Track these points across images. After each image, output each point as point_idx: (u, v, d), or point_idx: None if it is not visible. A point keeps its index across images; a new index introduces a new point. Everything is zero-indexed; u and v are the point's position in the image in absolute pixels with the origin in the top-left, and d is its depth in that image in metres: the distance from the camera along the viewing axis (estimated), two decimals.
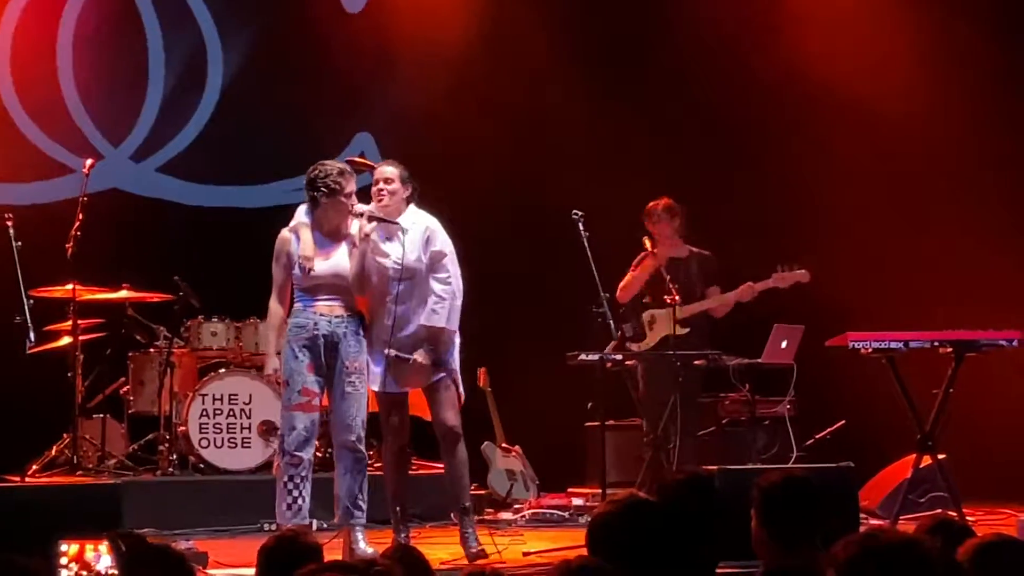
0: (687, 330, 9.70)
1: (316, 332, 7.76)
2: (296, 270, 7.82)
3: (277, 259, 7.89)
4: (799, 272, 9.75)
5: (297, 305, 7.86)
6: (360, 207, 7.88)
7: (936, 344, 8.86)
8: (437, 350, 7.93)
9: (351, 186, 7.85)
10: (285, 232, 7.90)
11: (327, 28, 11.73)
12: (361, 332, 7.87)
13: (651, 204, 9.91)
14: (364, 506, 7.89)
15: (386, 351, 7.84)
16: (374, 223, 7.89)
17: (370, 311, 7.95)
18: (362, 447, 7.86)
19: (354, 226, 7.89)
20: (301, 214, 7.95)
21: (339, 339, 7.78)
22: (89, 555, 4.64)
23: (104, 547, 4.60)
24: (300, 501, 7.69)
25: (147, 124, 11.58)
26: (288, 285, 7.91)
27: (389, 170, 8.01)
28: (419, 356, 7.88)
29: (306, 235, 7.83)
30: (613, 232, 9.74)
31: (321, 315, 7.79)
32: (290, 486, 7.69)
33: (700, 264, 9.87)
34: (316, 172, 7.85)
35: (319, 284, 7.80)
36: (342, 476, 7.84)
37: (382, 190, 7.94)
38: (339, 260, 7.85)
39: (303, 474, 7.70)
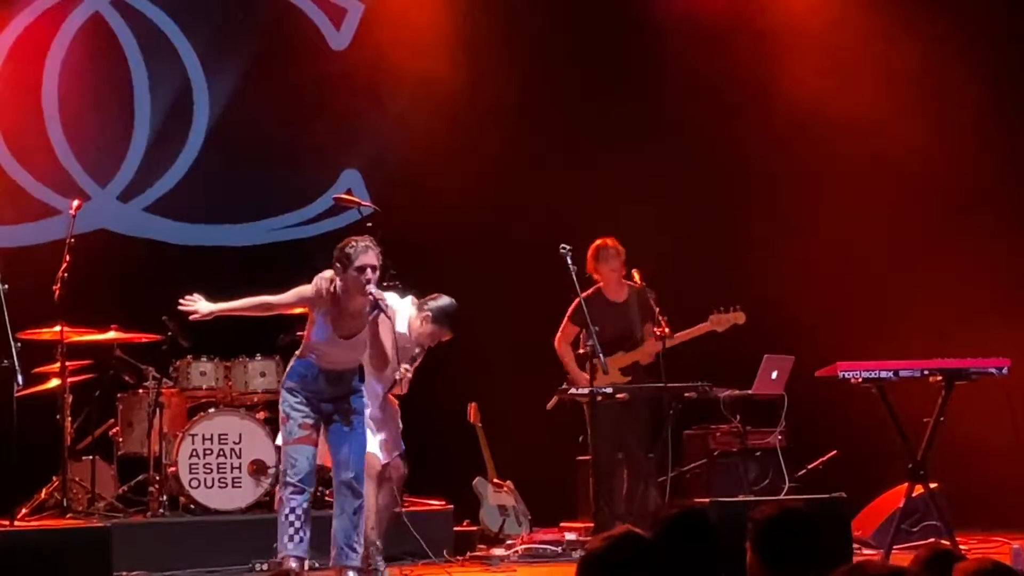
0: (628, 378, 9.70)
1: (318, 377, 7.85)
2: (321, 330, 7.81)
3: (315, 295, 7.81)
4: (735, 314, 9.74)
5: (311, 356, 7.88)
6: (372, 289, 7.77)
7: (926, 373, 8.86)
8: None
9: (360, 260, 7.72)
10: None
11: (312, 65, 11.76)
12: (359, 378, 7.95)
13: (599, 242, 9.85)
14: (359, 548, 7.87)
15: None
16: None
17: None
18: (362, 488, 7.86)
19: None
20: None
21: (340, 382, 7.87)
22: None
23: None
24: (302, 533, 7.71)
25: (134, 164, 11.58)
26: (286, 311, 8.06)
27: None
28: None
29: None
30: None
31: (324, 366, 7.87)
32: (292, 518, 7.72)
33: (639, 300, 9.76)
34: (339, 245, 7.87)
35: (336, 350, 7.85)
36: (338, 516, 7.85)
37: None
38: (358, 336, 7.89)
39: (305, 506, 7.73)
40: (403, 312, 8.39)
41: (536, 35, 11.91)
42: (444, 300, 8.50)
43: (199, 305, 7.95)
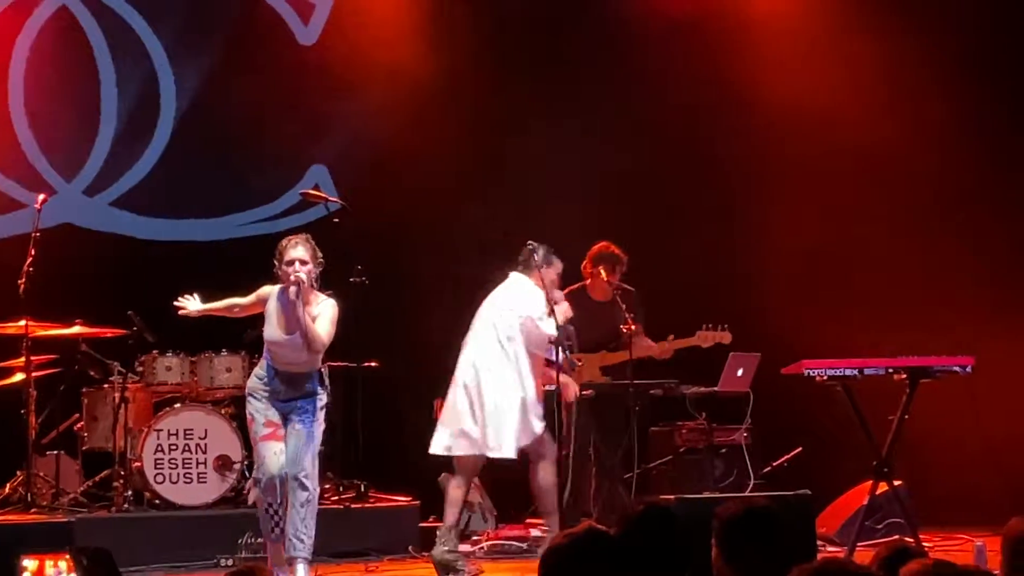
0: (608, 378, 9.72)
1: (275, 377, 8.19)
2: (269, 327, 8.25)
3: (263, 292, 8.32)
4: (723, 333, 9.85)
5: (267, 357, 8.29)
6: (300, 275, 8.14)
7: (891, 371, 8.90)
8: None
9: (289, 255, 8.16)
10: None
11: (281, 61, 11.73)
12: (315, 382, 8.23)
13: (612, 250, 9.91)
14: (307, 540, 8.08)
15: None
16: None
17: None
18: (308, 482, 8.08)
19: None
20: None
21: (295, 383, 8.17)
22: (49, 571, 4.61)
23: (65, 563, 4.57)
24: (282, 523, 8.06)
25: (100, 158, 11.53)
26: (252, 311, 8.42)
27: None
28: None
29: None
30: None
31: (279, 367, 8.22)
32: (270, 511, 8.11)
33: (625, 301, 9.74)
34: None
35: (283, 349, 8.23)
36: (289, 509, 8.09)
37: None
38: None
39: (280, 500, 8.06)
40: (526, 296, 8.83)
41: (505, 30, 11.90)
42: (529, 247, 8.96)
43: (191, 304, 8.46)
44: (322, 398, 8.26)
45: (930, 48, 11.48)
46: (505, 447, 8.85)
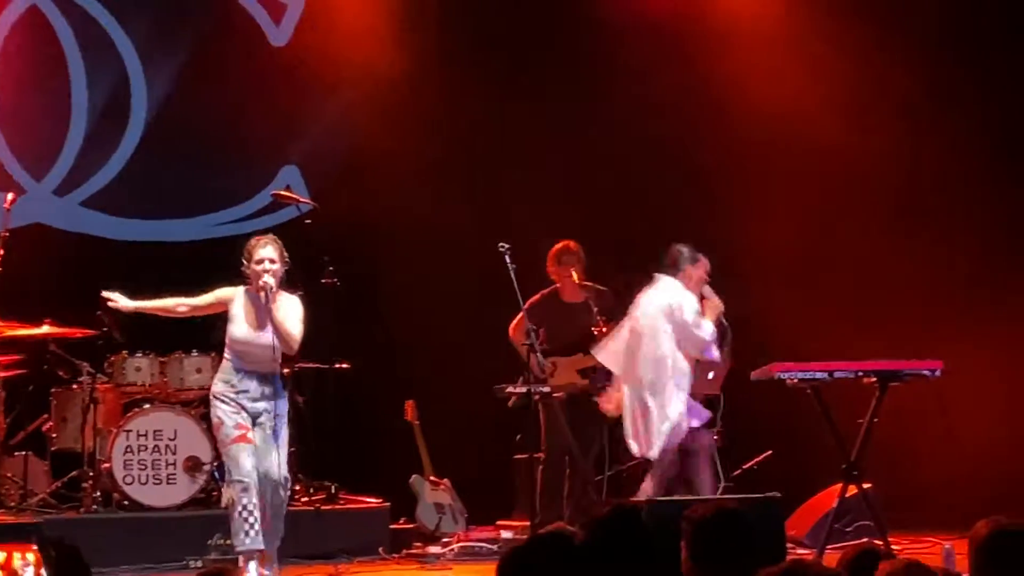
0: (587, 380, 9.72)
1: (243, 378, 8.25)
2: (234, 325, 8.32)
3: (231, 291, 8.38)
4: None
5: (233, 358, 8.33)
6: (265, 278, 8.26)
7: (860, 374, 8.93)
8: None
9: (258, 255, 8.27)
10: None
11: (252, 61, 11.70)
12: (283, 382, 8.35)
13: (561, 245, 9.89)
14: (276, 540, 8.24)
15: None
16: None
17: None
18: (283, 490, 8.27)
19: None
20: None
21: (264, 383, 8.25)
22: (16, 563, 4.60)
23: (33, 555, 4.56)
24: (258, 526, 8.08)
25: (70, 158, 11.48)
26: (206, 312, 8.51)
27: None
28: None
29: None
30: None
31: (246, 367, 8.28)
32: (245, 514, 8.10)
33: (598, 302, 9.74)
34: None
35: (250, 346, 8.29)
36: (268, 511, 8.19)
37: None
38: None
39: (255, 500, 8.07)
40: (678, 300, 9.05)
41: (477, 31, 11.90)
42: (675, 248, 9.27)
43: (121, 301, 8.50)
44: (286, 401, 8.40)
45: (902, 54, 11.52)
46: (652, 449, 9.04)
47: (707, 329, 9.08)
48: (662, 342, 9.03)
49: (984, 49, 11.65)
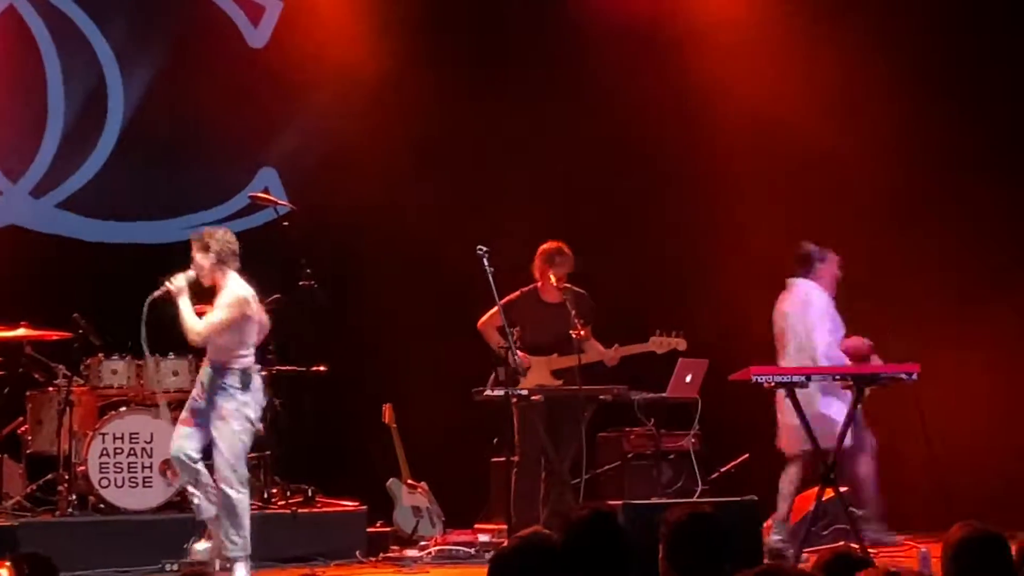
0: (560, 381, 9.70)
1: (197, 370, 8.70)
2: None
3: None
4: (677, 339, 9.78)
5: None
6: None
7: (837, 378, 8.94)
8: None
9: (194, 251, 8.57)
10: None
11: (230, 63, 11.68)
12: (228, 377, 8.51)
13: (555, 246, 9.85)
14: (238, 540, 8.40)
15: None
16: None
17: None
18: (230, 489, 8.41)
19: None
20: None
21: (206, 375, 8.63)
22: None
23: (6, 571, 4.53)
24: (194, 499, 8.57)
25: (46, 160, 11.44)
26: None
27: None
28: None
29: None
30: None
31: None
32: (187, 492, 8.63)
33: (576, 305, 9.71)
34: None
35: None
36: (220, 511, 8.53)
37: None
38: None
39: (187, 478, 8.55)
40: (801, 307, 9.68)
41: (456, 32, 11.90)
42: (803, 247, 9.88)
43: (176, 283, 8.71)
44: (237, 398, 8.48)
45: (884, 58, 11.53)
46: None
47: (818, 336, 9.59)
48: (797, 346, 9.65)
49: (970, 53, 11.66)
